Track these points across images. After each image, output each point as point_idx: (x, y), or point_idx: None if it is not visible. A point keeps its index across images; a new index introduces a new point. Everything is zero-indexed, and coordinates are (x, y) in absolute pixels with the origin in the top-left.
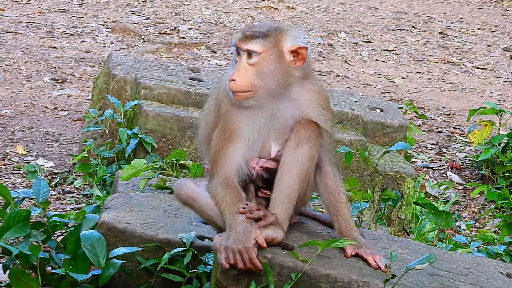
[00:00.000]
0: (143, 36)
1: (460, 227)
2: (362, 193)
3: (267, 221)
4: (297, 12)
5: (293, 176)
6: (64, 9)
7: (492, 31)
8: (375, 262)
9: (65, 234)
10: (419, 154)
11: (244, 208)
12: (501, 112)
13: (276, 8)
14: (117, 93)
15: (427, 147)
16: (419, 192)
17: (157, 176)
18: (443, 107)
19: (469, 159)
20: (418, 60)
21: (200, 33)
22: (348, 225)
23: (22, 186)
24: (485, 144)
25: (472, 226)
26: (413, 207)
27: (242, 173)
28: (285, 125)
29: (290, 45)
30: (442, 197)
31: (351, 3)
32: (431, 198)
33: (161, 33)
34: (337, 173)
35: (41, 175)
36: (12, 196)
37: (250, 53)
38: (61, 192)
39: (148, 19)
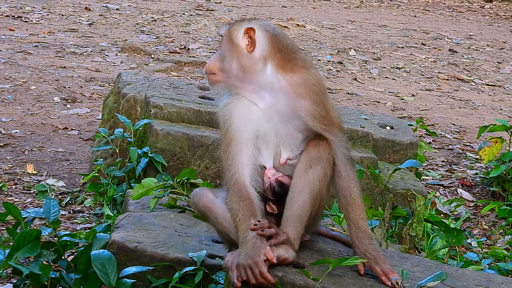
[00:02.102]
0: (152, 55)
1: (471, 244)
2: (373, 211)
3: (278, 239)
4: (306, 30)
5: (304, 196)
6: (74, 29)
7: (502, 48)
8: (390, 282)
9: (75, 253)
10: (429, 171)
11: (255, 225)
12: (511, 129)
13: (285, 27)
14: (127, 112)
15: (437, 164)
16: (430, 209)
17: (168, 195)
18: (453, 124)
19: (479, 176)
20: (428, 77)
21: (210, 52)
22: (358, 230)
23: (33, 206)
24: (495, 161)
25: (483, 243)
26: (424, 224)
27: (256, 181)
28: (282, 127)
29: (241, 28)
30: (453, 214)
31: (360, 21)
32: (442, 215)
33: (170, 52)
34: (351, 170)
35: (52, 194)
36: (23, 216)
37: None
38: (71, 212)
39: (157, 38)
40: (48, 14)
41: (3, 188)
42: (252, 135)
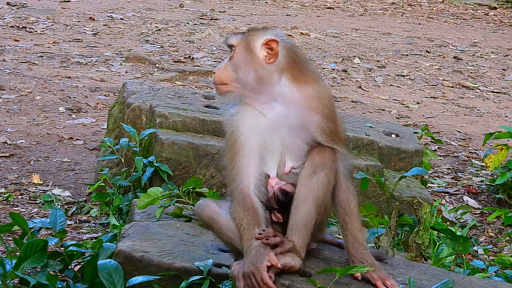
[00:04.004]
0: (157, 65)
1: (477, 251)
2: (378, 219)
3: (283, 247)
4: (311, 39)
5: (309, 204)
6: (79, 39)
7: (506, 55)
8: (385, 286)
9: (82, 263)
10: (435, 179)
11: (260, 234)
12: None
13: (290, 35)
14: (132, 121)
15: (443, 172)
16: (436, 217)
17: (174, 204)
18: (459, 132)
19: (485, 183)
20: (432, 85)
21: (214, 61)
22: (355, 241)
23: (39, 216)
24: (501, 168)
25: (489, 251)
26: (430, 232)
27: (260, 190)
28: (289, 138)
29: (262, 39)
30: (459, 221)
31: (364, 29)
32: (448, 223)
33: (175, 61)
34: (350, 185)
35: (58, 204)
36: (29, 226)
37: (231, 49)
38: (77, 222)
39: (162, 47)
40: (52, 25)
41: (9, 199)
42: (259, 145)
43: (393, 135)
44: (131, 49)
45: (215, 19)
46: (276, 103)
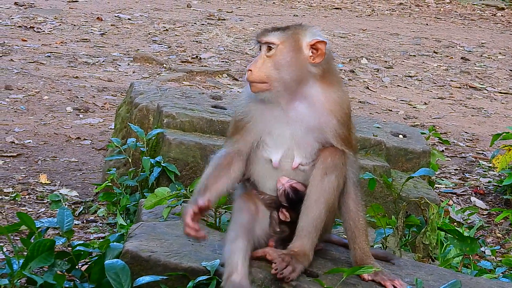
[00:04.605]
0: (164, 65)
1: (485, 252)
2: (386, 219)
3: (297, 272)
4: None
5: (320, 205)
6: (86, 39)
7: None
8: (394, 286)
9: (89, 263)
10: (442, 180)
11: (275, 270)
12: None
13: None
14: (139, 121)
15: (450, 173)
16: (443, 217)
17: (181, 204)
18: (466, 132)
19: (493, 184)
20: (440, 86)
21: (222, 61)
22: (363, 255)
23: (46, 216)
24: (508, 168)
25: (497, 252)
26: (438, 233)
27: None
28: (302, 135)
29: (309, 39)
30: (467, 222)
31: (372, 29)
32: (455, 223)
33: (182, 62)
34: (359, 193)
35: (65, 204)
36: (36, 226)
37: (269, 46)
38: (84, 221)
39: (169, 47)
40: (60, 25)
41: (16, 198)
42: (263, 130)
43: (401, 136)
44: (138, 49)
45: (222, 20)
46: (299, 102)
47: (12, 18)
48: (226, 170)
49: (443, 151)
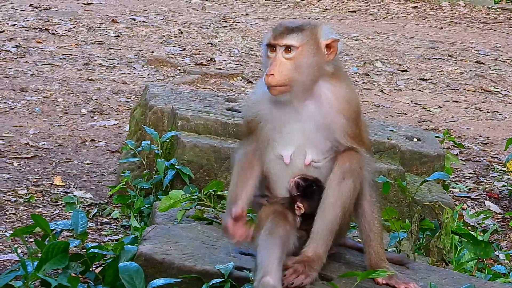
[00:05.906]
0: (179, 67)
1: (499, 256)
2: (400, 223)
3: (309, 280)
4: None
5: (337, 209)
6: (101, 41)
7: None
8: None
9: (103, 265)
10: (456, 184)
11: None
12: None
13: None
14: (154, 124)
15: (464, 177)
16: (457, 221)
17: (195, 207)
18: (480, 136)
19: (507, 188)
20: (454, 89)
21: (236, 64)
22: (378, 258)
23: (60, 218)
24: None
25: (511, 256)
26: (452, 236)
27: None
28: (312, 132)
29: (325, 38)
30: (481, 226)
31: (386, 32)
32: (469, 227)
33: (197, 64)
34: (374, 194)
35: (79, 206)
36: (51, 228)
37: (287, 48)
38: (99, 224)
39: (184, 50)
40: (75, 27)
41: (31, 200)
42: (277, 126)
43: (415, 139)
44: (153, 52)
45: (237, 22)
46: (310, 101)
47: (27, 20)
48: (250, 170)
49: (457, 154)
